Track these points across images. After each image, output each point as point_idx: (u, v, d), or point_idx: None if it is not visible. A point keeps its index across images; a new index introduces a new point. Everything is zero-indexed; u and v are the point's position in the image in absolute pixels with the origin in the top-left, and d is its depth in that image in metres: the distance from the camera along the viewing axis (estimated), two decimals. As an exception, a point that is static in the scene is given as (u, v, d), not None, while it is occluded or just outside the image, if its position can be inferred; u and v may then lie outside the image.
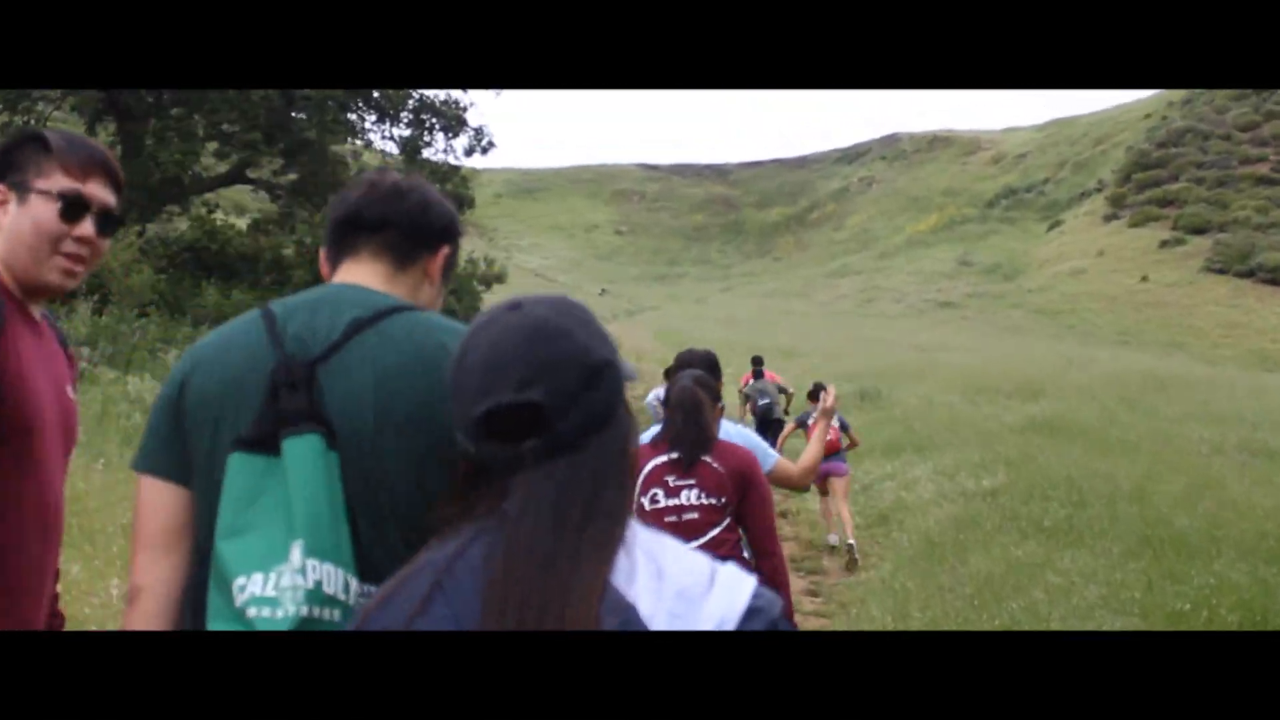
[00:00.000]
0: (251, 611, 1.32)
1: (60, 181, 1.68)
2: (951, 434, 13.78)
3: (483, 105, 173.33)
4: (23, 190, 1.67)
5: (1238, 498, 9.39)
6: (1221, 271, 49.28)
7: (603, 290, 63.44)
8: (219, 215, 14.48)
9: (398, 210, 1.60)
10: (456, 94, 17.67)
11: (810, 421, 8.59)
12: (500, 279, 20.43)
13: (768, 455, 3.75)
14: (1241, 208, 54.14)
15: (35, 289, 1.71)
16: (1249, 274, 48.01)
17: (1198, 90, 74.05)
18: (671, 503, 3.26)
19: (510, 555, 1.04)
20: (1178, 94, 78.71)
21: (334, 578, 1.32)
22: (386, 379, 1.41)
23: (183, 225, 14.17)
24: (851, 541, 8.67)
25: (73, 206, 1.68)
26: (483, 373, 1.10)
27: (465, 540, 1.08)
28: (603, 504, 1.09)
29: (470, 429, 1.11)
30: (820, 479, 9.56)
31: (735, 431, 3.74)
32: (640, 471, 3.27)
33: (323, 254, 1.65)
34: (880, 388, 20.10)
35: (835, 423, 10.25)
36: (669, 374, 4.22)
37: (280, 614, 1.30)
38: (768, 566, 3.24)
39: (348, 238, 1.61)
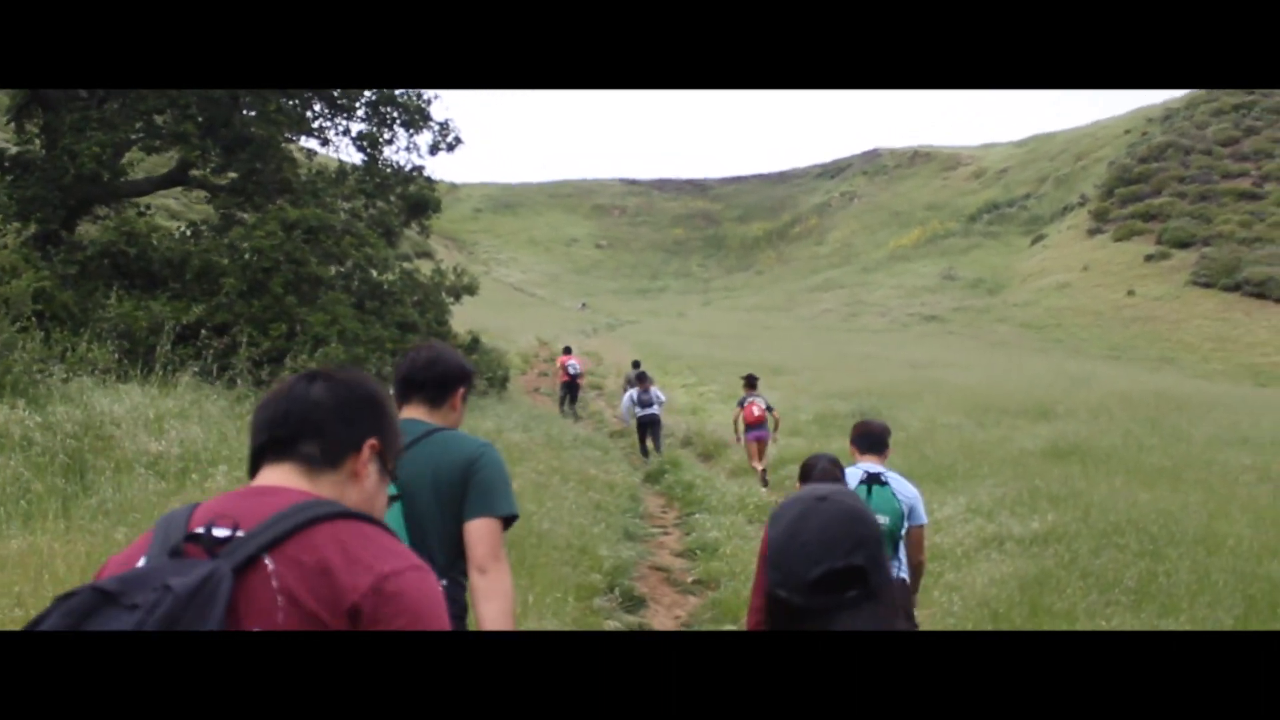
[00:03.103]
0: None
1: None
2: (970, 461, 12.36)
3: (459, 114, 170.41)
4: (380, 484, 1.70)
5: (1327, 541, 8.16)
6: (1208, 285, 48.39)
7: (583, 304, 62.09)
8: (147, 219, 12.60)
9: (430, 375, 3.02)
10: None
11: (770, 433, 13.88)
12: (470, 290, 18.44)
13: (920, 514, 4.96)
14: (1225, 222, 53.45)
15: None
16: (1235, 287, 47.18)
17: (1176, 105, 73.71)
18: None
19: None
20: (1156, 109, 78.40)
21: None
22: (436, 468, 2.85)
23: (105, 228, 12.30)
24: (764, 467, 13.40)
25: None
26: (818, 546, 1.65)
27: None
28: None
29: (804, 586, 1.64)
30: (752, 442, 13.63)
31: (897, 479, 4.96)
32: None
33: (392, 394, 2.93)
34: (879, 408, 18.77)
35: (761, 401, 13.89)
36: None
37: None
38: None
39: (406, 391, 3.02)
